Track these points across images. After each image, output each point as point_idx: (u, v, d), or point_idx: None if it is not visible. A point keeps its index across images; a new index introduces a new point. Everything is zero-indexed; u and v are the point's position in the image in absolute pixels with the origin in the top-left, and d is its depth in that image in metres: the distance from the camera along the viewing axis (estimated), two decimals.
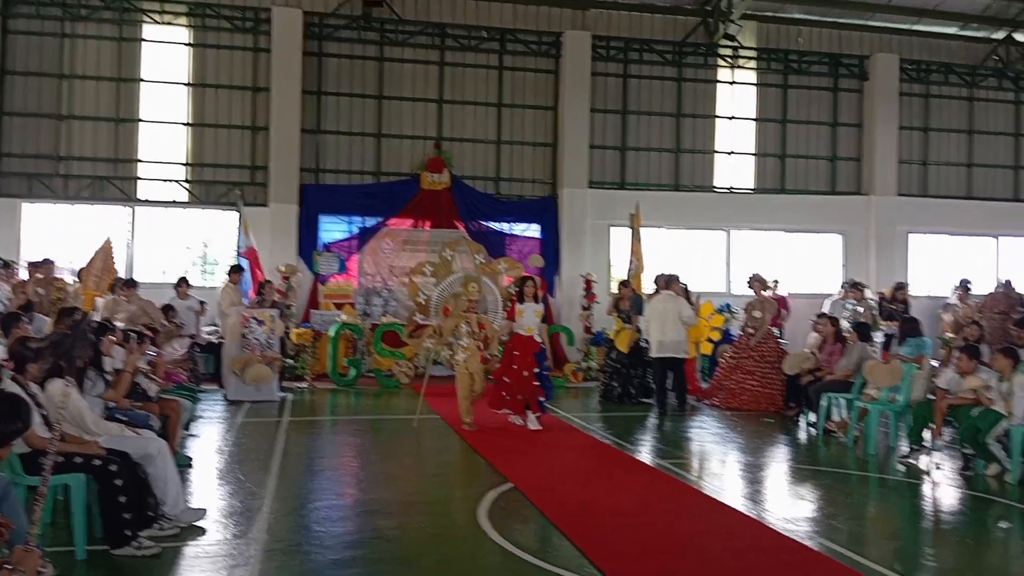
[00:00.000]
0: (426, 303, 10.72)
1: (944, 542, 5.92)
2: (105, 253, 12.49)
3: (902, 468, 8.01)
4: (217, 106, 15.65)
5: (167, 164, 15.51)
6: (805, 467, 8.16)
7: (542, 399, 9.46)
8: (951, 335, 13.64)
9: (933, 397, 8.35)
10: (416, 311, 10.80)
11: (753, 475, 7.83)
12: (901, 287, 14.32)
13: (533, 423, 9.34)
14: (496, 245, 15.79)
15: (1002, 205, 18.35)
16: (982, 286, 16.20)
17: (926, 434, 8.27)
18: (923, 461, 8.09)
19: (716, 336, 13.07)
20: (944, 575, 5.03)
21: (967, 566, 5.31)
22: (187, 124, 15.58)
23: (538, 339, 9.58)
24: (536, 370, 9.38)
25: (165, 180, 15.45)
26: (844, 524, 6.08)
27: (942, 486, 7.37)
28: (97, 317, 8.73)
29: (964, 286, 15.49)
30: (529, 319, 9.51)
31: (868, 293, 14.47)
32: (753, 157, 17.66)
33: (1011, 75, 18.50)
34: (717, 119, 17.55)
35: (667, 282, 11.35)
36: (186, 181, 15.54)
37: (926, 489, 7.32)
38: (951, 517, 6.61)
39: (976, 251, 18.43)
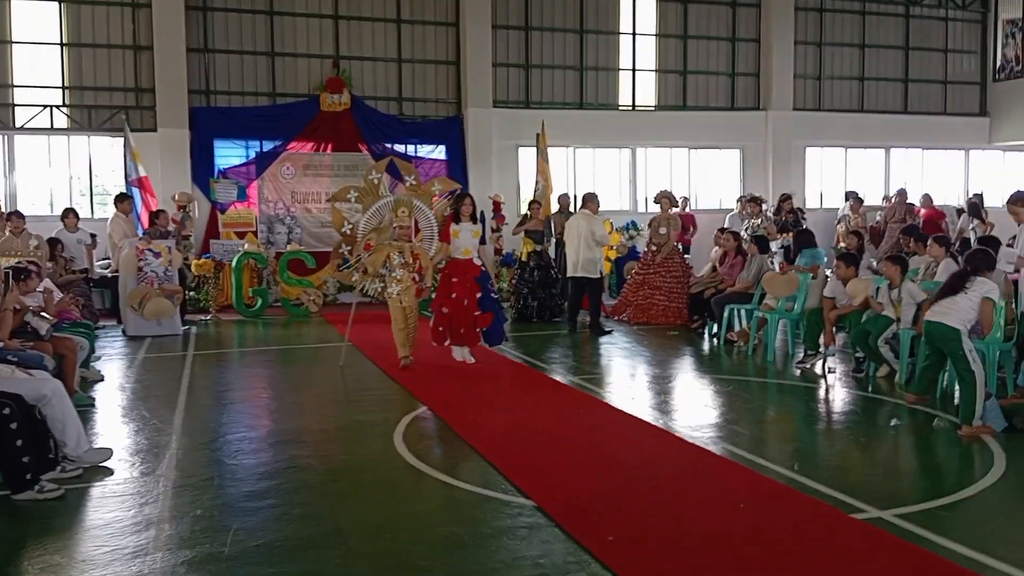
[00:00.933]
0: (352, 233, 9.18)
1: (838, 440, 6.28)
2: None
3: (798, 373, 8.41)
4: (94, 24, 14.61)
5: (44, 88, 14.50)
6: (708, 376, 8.47)
7: (484, 329, 8.74)
8: (843, 245, 14.22)
9: None
10: (342, 242, 9.26)
11: (660, 386, 8.09)
12: (786, 198, 14.65)
13: (466, 355, 8.79)
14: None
15: (893, 117, 19.02)
16: (874, 197, 16.94)
17: (821, 340, 8.67)
18: (818, 366, 8.51)
19: (612, 255, 13.25)
20: (839, 471, 5.34)
21: (860, 461, 5.65)
22: (62, 44, 14.54)
23: (477, 262, 8.85)
24: (479, 295, 8.67)
25: (43, 106, 14.46)
26: (745, 429, 6.36)
27: (836, 388, 7.78)
28: None
29: (855, 197, 16.10)
30: (466, 240, 8.75)
31: (765, 207, 14.88)
32: (655, 74, 17.70)
33: None
34: (620, 35, 17.46)
35: (584, 201, 11.34)
36: (65, 106, 14.59)
37: (821, 392, 7.71)
38: (844, 417, 7.00)
39: (868, 163, 19.17)
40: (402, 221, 8.61)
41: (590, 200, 11.23)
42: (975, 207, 15.25)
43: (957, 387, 6.31)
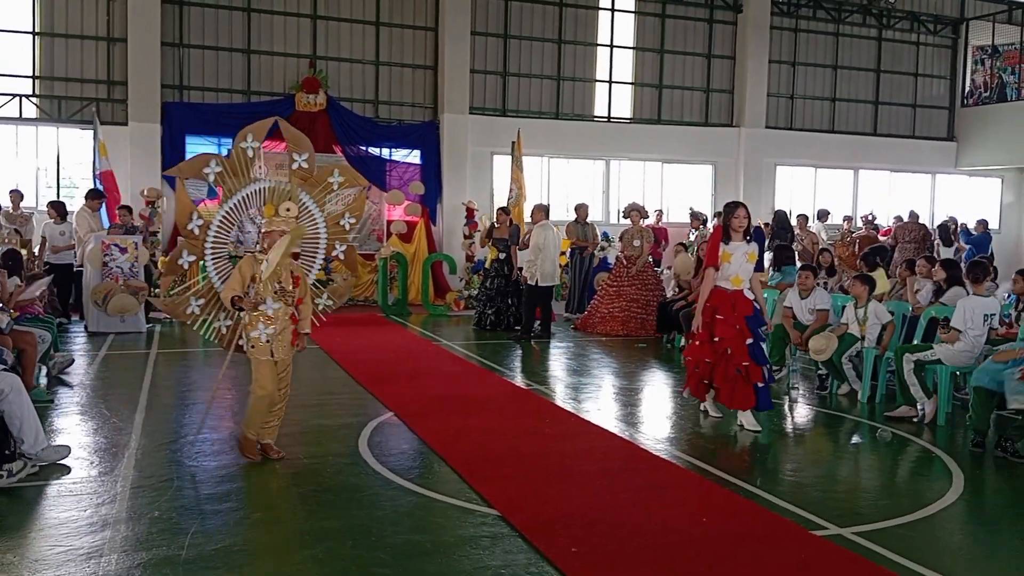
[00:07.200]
0: (202, 233, 6.51)
1: (801, 457, 6.34)
2: None
3: None
4: (68, 13, 14.41)
5: (14, 77, 14.26)
6: (675, 389, 8.50)
7: (759, 385, 6.58)
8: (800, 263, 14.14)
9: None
10: (184, 247, 6.48)
11: (627, 398, 8.11)
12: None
13: (750, 422, 6.62)
14: (376, 171, 15.45)
15: (862, 138, 19.35)
16: (839, 217, 17.18)
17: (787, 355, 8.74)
18: (782, 382, 8.59)
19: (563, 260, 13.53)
20: (801, 488, 5.39)
21: (822, 478, 5.70)
22: (35, 33, 14.31)
23: (750, 295, 6.66)
24: (749, 341, 6.58)
25: (12, 95, 14.21)
26: (710, 443, 6.40)
27: (799, 405, 7.85)
28: None
29: (804, 217, 15.99)
30: (738, 266, 6.57)
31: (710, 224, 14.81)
32: (631, 87, 17.83)
33: (875, 12, 19.29)
34: (598, 47, 17.57)
35: (546, 211, 11.50)
36: (35, 96, 14.36)
37: (785, 408, 7.78)
38: (807, 434, 7.06)
39: (838, 182, 19.43)
40: (277, 224, 5.74)
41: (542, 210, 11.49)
42: (945, 230, 15.41)
43: None
